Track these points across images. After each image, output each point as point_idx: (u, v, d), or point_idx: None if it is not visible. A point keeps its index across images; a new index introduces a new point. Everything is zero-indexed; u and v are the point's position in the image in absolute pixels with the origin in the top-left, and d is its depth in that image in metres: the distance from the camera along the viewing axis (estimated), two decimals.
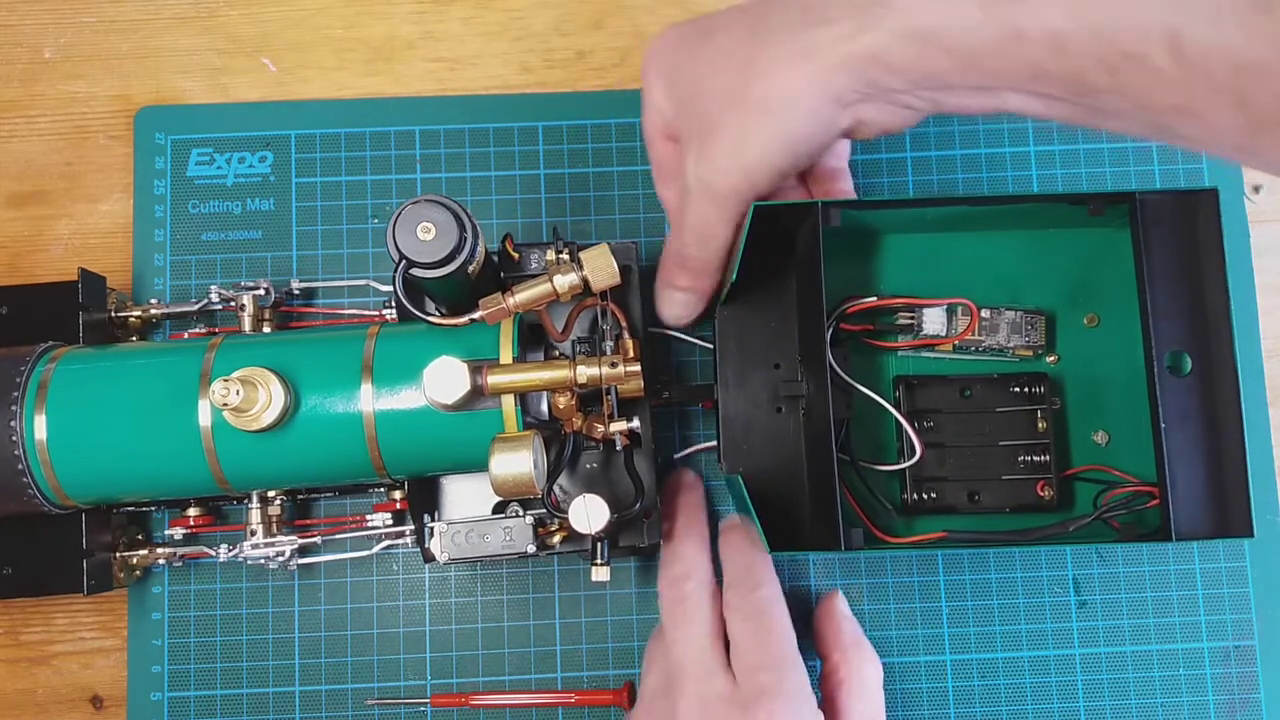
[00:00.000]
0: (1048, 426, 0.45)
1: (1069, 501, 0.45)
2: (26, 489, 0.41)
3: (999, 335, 0.45)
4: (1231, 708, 0.50)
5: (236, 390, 0.38)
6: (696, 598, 0.43)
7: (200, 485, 0.43)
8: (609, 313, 0.44)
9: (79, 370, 0.42)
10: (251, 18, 0.55)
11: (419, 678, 0.50)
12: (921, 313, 0.45)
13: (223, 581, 0.50)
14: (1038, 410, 0.45)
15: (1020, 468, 0.45)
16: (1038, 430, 0.45)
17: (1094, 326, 0.46)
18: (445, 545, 0.43)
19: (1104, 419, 0.45)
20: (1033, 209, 0.43)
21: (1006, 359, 0.46)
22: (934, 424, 0.45)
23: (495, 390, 0.40)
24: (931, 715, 0.49)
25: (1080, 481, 0.45)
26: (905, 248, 0.46)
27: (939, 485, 0.45)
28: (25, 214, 0.53)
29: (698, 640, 0.41)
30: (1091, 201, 0.40)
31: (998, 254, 0.46)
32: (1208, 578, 0.50)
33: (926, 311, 0.45)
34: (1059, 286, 0.46)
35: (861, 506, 0.45)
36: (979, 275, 0.46)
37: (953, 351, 0.46)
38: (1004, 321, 0.45)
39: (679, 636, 0.42)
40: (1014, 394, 0.45)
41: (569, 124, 0.54)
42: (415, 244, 0.38)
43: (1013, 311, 0.45)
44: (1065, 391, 0.46)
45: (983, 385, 0.45)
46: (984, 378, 0.46)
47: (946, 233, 0.46)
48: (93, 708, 0.50)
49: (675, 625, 0.42)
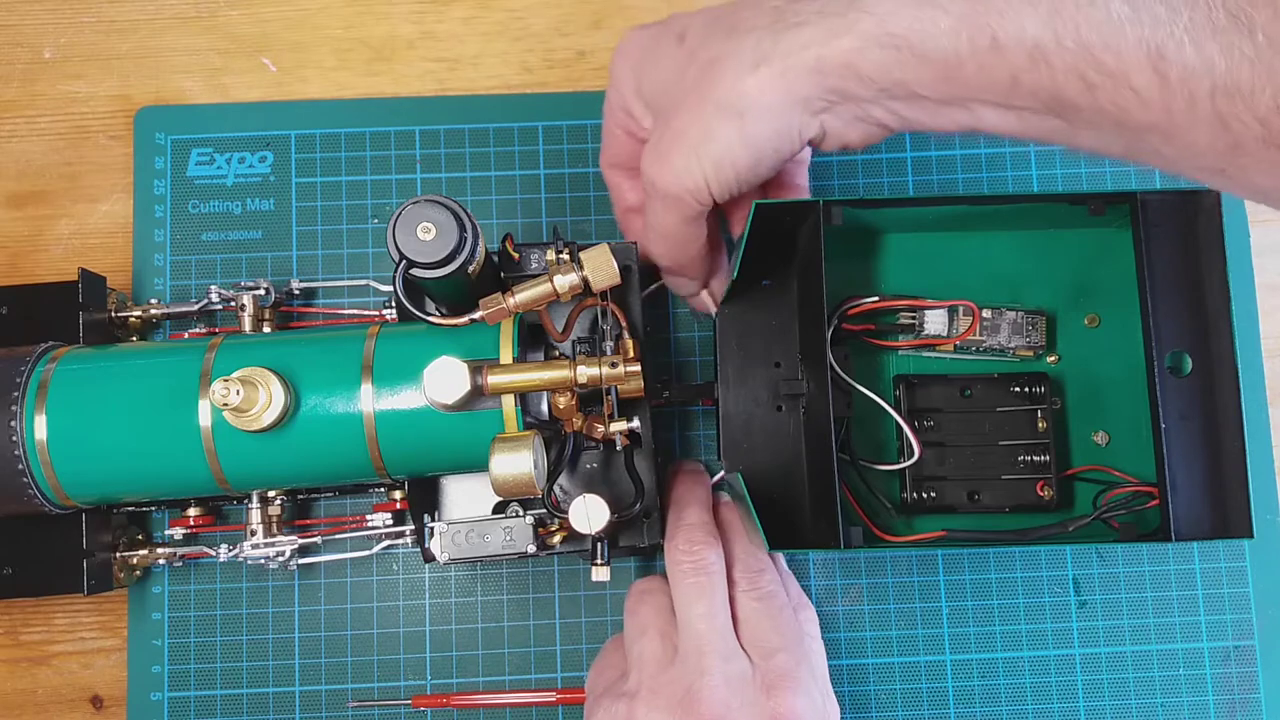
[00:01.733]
0: (1048, 426, 0.45)
1: (1069, 501, 0.45)
2: (27, 489, 0.41)
3: (1000, 335, 0.45)
4: (1231, 708, 0.50)
5: (237, 390, 0.38)
6: (718, 571, 0.42)
7: (200, 485, 0.43)
8: (609, 313, 0.44)
9: (79, 370, 0.42)
10: (251, 18, 0.55)
11: (419, 678, 0.50)
12: (923, 313, 0.45)
13: (223, 581, 0.50)
14: (1038, 410, 0.45)
15: (1020, 467, 0.45)
16: (1038, 430, 0.45)
17: (1094, 327, 0.46)
18: (445, 545, 0.43)
19: (1104, 419, 0.45)
20: (1033, 209, 0.43)
21: (1007, 359, 0.46)
22: (934, 423, 0.45)
23: (495, 390, 0.40)
24: (931, 715, 0.49)
25: (1080, 481, 0.45)
26: (906, 247, 0.46)
27: (939, 485, 0.45)
28: (25, 214, 0.53)
29: (720, 616, 0.40)
30: (1092, 202, 0.40)
31: (998, 254, 0.46)
32: (1208, 578, 0.51)
33: (928, 312, 0.45)
34: (1059, 287, 0.46)
35: (861, 505, 0.45)
36: (979, 275, 0.46)
37: (953, 351, 0.46)
38: (1005, 322, 0.45)
39: (700, 611, 0.41)
40: (1014, 394, 0.45)
41: (569, 124, 0.54)
42: (415, 244, 0.38)
43: (1014, 312, 0.45)
44: (1066, 391, 0.46)
45: (983, 385, 0.45)
46: (984, 377, 0.46)
47: (947, 232, 0.46)
48: (93, 708, 0.50)
49: (696, 598, 0.41)
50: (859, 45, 0.34)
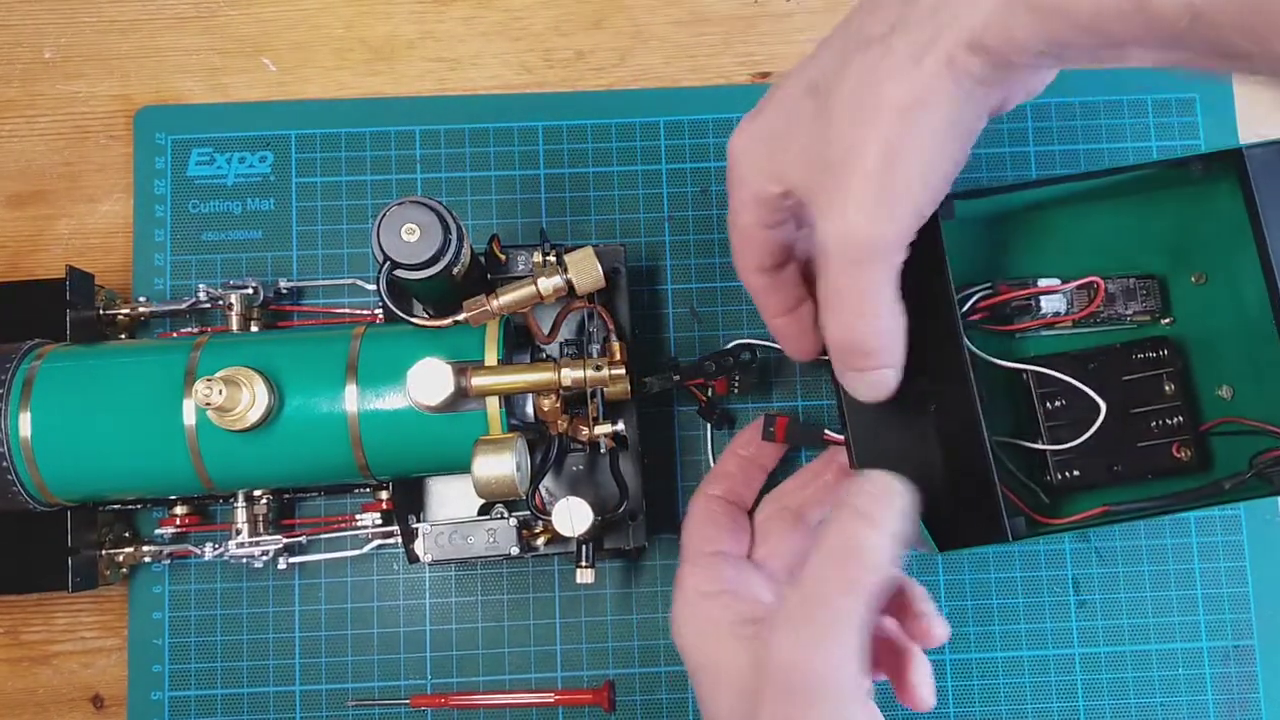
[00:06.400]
0: (1176, 389, 0.44)
1: (1207, 460, 0.45)
2: (11, 486, 0.41)
3: (1116, 304, 0.45)
4: (1231, 708, 0.50)
5: (220, 390, 0.38)
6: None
7: (185, 484, 0.43)
8: (596, 315, 0.44)
9: (64, 368, 0.42)
10: (251, 18, 0.55)
11: (419, 677, 0.50)
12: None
13: (223, 581, 0.50)
14: (1163, 374, 0.44)
15: (1155, 432, 0.44)
16: (1165, 394, 0.44)
17: (1201, 284, 0.45)
18: (429, 546, 0.43)
19: (1224, 373, 0.45)
20: (1131, 176, 0.42)
21: (1124, 326, 0.46)
22: (1065, 402, 0.45)
23: (479, 392, 0.40)
24: (931, 715, 0.49)
25: (1214, 436, 0.45)
26: (1012, 230, 0.46)
27: (1080, 462, 0.44)
28: (25, 214, 0.53)
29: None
30: (1195, 163, 0.40)
31: (1099, 225, 0.46)
32: (1208, 578, 0.51)
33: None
34: (1162, 250, 0.46)
35: (1014, 494, 0.44)
36: (1084, 248, 0.45)
37: (1071, 327, 0.46)
38: (1120, 290, 0.45)
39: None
40: (1137, 361, 0.45)
41: (569, 124, 0.54)
42: (400, 245, 0.38)
43: (1127, 279, 0.45)
44: (1186, 352, 0.45)
45: (1106, 356, 0.45)
46: (1106, 349, 0.45)
47: (1047, 210, 0.45)
48: (93, 707, 0.50)
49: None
50: (1004, 14, 0.30)
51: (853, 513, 0.35)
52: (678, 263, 0.53)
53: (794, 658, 0.33)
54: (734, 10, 0.55)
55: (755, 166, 0.36)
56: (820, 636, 0.33)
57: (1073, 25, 0.30)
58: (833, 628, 0.33)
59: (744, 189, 0.37)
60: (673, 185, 0.53)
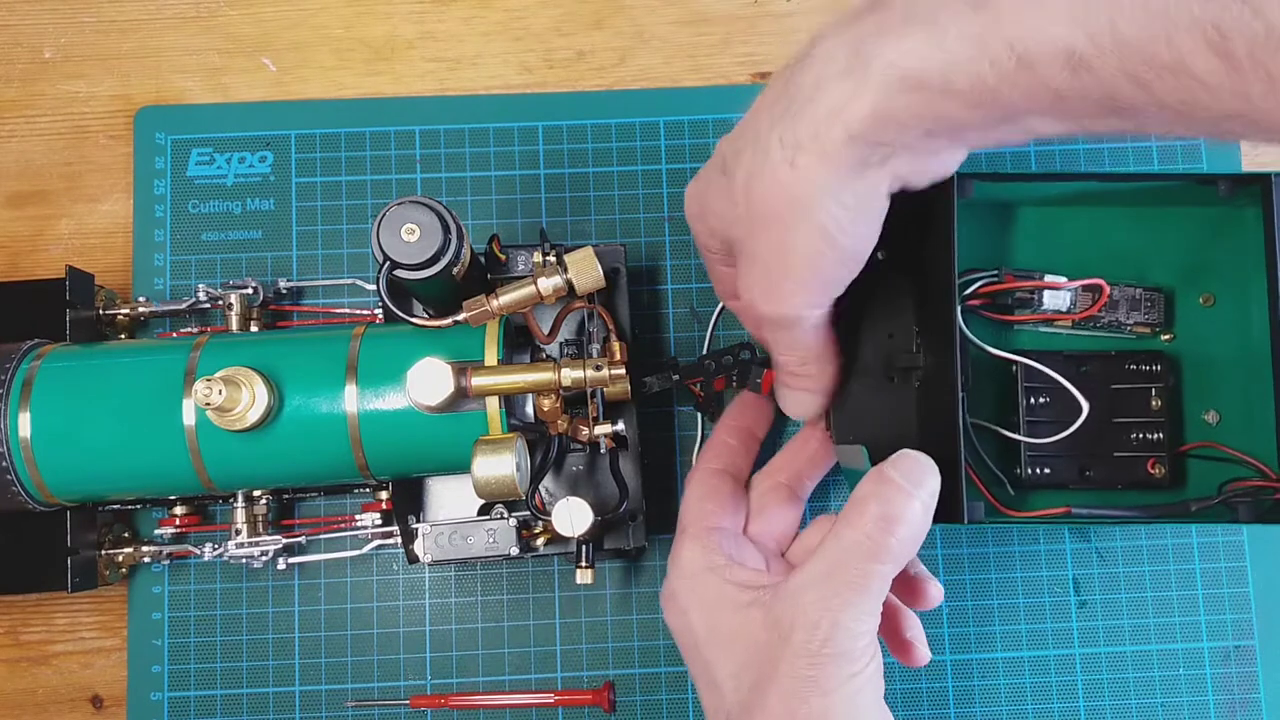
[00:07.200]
0: (1162, 405, 0.44)
1: (1180, 480, 0.45)
2: (10, 486, 0.41)
3: (1119, 312, 0.45)
4: (1231, 708, 0.50)
5: (219, 390, 0.38)
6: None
7: (184, 484, 0.43)
8: (596, 315, 0.44)
9: (64, 368, 0.42)
10: (251, 18, 0.55)
11: (419, 677, 0.50)
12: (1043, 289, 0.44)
13: (223, 581, 0.50)
14: (1152, 389, 0.44)
15: (1133, 444, 0.44)
16: (1151, 408, 0.44)
17: (1209, 306, 0.45)
18: (429, 547, 0.43)
19: (1215, 398, 0.45)
20: (1155, 186, 0.42)
21: (1123, 335, 0.46)
22: (1049, 399, 0.45)
23: (479, 392, 0.40)
24: (931, 715, 0.49)
25: (1191, 459, 0.45)
26: (1026, 220, 0.46)
27: (1052, 460, 0.44)
28: (25, 214, 0.53)
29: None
30: (1222, 182, 0.40)
31: (1116, 229, 0.45)
32: (1208, 578, 0.51)
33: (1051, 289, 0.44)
34: (1175, 264, 0.45)
35: (980, 480, 0.44)
36: (1097, 250, 0.45)
37: (1071, 327, 0.46)
38: (1124, 298, 0.45)
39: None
40: (1130, 372, 0.45)
41: (569, 124, 0.54)
42: (399, 245, 0.38)
43: (1133, 288, 0.45)
44: (1179, 370, 0.45)
45: (1100, 362, 0.45)
46: (1101, 354, 0.45)
47: (1066, 207, 0.45)
48: (93, 707, 0.50)
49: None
50: (881, 97, 0.30)
51: (895, 485, 0.36)
52: (678, 263, 0.53)
53: (821, 617, 0.35)
54: (734, 10, 0.55)
55: (695, 218, 0.40)
56: (851, 597, 0.35)
57: (956, 98, 0.30)
58: (863, 589, 0.35)
59: (693, 234, 0.41)
60: (673, 185, 0.53)
